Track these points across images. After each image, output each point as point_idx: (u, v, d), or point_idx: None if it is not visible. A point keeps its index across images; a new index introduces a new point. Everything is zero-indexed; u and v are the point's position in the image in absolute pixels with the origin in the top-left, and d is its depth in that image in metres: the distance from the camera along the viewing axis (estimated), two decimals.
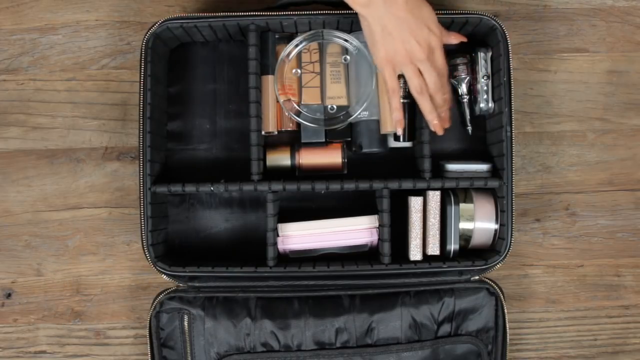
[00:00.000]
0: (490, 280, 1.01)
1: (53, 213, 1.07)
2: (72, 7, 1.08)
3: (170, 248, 1.06)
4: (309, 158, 1.02)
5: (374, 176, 0.99)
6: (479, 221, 1.00)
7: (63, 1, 1.08)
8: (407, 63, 0.93)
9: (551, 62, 1.09)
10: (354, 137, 1.02)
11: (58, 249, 1.08)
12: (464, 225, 1.00)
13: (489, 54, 1.02)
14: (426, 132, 0.98)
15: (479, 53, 1.01)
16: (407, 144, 1.04)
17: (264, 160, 1.01)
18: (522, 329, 1.09)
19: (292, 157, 1.02)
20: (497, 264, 0.99)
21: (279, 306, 0.99)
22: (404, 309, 0.99)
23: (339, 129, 1.02)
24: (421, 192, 1.00)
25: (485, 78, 1.01)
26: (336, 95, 1.01)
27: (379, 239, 1.01)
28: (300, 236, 1.01)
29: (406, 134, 1.02)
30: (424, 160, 0.98)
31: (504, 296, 1.01)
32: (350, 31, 1.01)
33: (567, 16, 1.09)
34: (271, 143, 1.03)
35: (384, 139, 1.03)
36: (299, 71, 1.01)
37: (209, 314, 0.99)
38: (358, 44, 1.00)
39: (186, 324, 1.00)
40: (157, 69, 1.00)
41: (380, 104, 1.01)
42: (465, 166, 1.00)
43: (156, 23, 0.98)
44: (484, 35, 1.02)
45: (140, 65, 0.98)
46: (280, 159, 1.02)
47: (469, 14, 0.98)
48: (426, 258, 1.00)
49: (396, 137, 1.03)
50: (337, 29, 1.00)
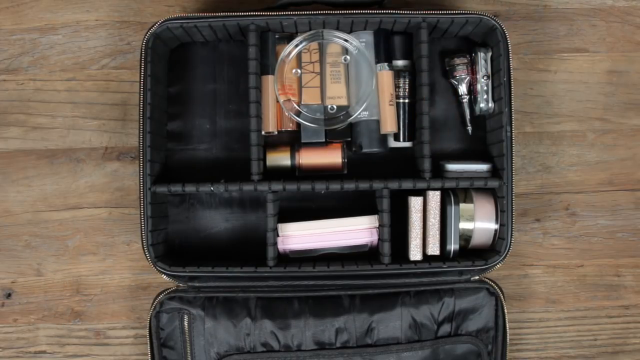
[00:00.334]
0: (490, 280, 1.01)
1: (53, 213, 1.07)
2: (72, 7, 1.08)
3: (170, 248, 1.06)
4: (309, 158, 1.02)
5: (374, 176, 0.99)
6: (479, 221, 1.00)
7: (63, 1, 1.08)
8: None
9: (551, 62, 1.09)
10: (354, 137, 1.02)
11: (58, 249, 1.08)
12: (464, 225, 1.00)
13: (489, 54, 1.02)
14: (426, 132, 0.98)
15: (479, 53, 1.01)
16: (407, 144, 1.04)
17: (264, 160, 1.01)
18: (522, 329, 1.09)
19: (292, 157, 1.02)
20: (497, 264, 0.99)
21: (279, 306, 0.99)
22: (404, 309, 0.99)
23: (339, 129, 1.02)
24: (421, 192, 1.00)
25: (485, 78, 1.01)
26: (336, 95, 1.01)
27: (379, 239, 1.01)
28: (300, 236, 1.01)
29: (406, 134, 1.02)
30: (424, 160, 0.98)
31: (504, 296, 1.01)
32: (350, 31, 1.01)
33: (567, 16, 1.09)
34: (271, 143, 1.03)
35: (384, 139, 1.03)
36: (299, 71, 1.01)
37: (209, 314, 0.99)
38: (358, 44, 1.00)
39: (186, 324, 1.00)
40: (157, 69, 1.00)
41: (380, 104, 1.01)
42: (465, 166, 0.99)
43: (156, 23, 0.98)
44: (484, 35, 1.02)
45: (140, 65, 0.98)
46: (280, 159, 1.02)
47: (469, 14, 0.98)
48: (426, 258, 1.00)
49: (396, 137, 1.03)
50: (337, 29, 1.00)
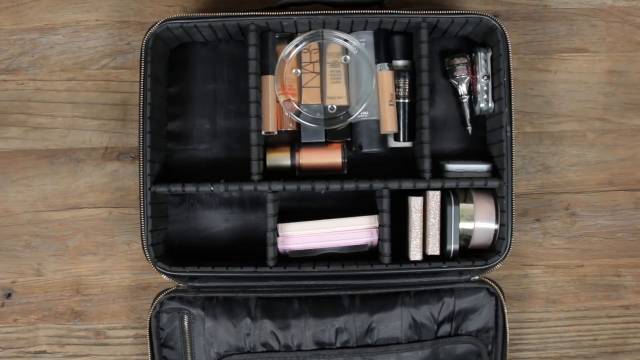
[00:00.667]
0: (490, 280, 1.01)
1: (53, 213, 1.07)
2: (72, 7, 1.08)
3: (170, 248, 1.06)
4: (309, 158, 1.02)
5: (374, 176, 0.99)
6: (479, 221, 1.00)
7: (63, 1, 1.08)
8: None
9: (551, 62, 1.09)
10: (354, 137, 1.02)
11: (58, 249, 1.08)
12: (464, 225, 1.00)
13: (489, 54, 1.02)
14: (426, 132, 0.98)
15: (479, 53, 1.01)
16: (407, 144, 1.04)
17: (264, 160, 1.01)
18: (522, 329, 1.09)
19: (292, 157, 1.02)
20: (497, 264, 0.99)
21: (279, 306, 0.99)
22: (404, 309, 0.99)
23: (339, 129, 1.02)
24: (421, 192, 1.00)
25: (485, 78, 1.01)
26: (336, 95, 1.01)
27: (379, 239, 1.01)
28: (300, 236, 1.01)
29: (406, 134, 1.02)
30: (424, 160, 0.98)
31: (504, 296, 1.01)
32: (350, 31, 1.01)
33: (567, 16, 1.09)
34: (271, 143, 1.03)
35: (384, 139, 1.02)
36: (299, 71, 1.01)
37: (209, 314, 0.99)
38: (358, 44, 1.00)
39: (186, 324, 1.00)
40: (157, 69, 1.00)
41: (380, 104, 1.01)
42: (465, 166, 0.99)
43: (156, 23, 0.98)
44: (484, 35, 1.02)
45: (140, 65, 0.98)
46: (280, 159, 1.02)
47: (469, 14, 0.98)
48: (426, 258, 1.00)
49: (396, 137, 1.03)
50: (337, 29, 1.00)
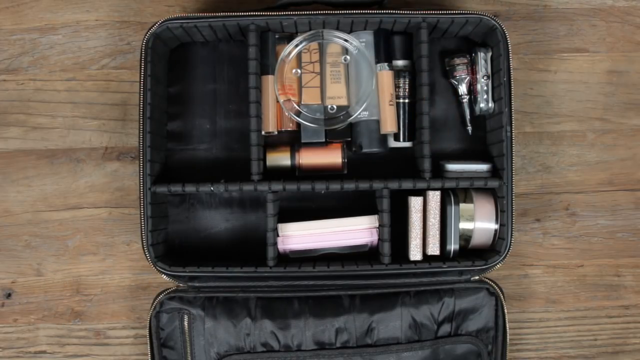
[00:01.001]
0: (490, 280, 1.01)
1: (53, 213, 1.07)
2: (72, 7, 1.08)
3: (170, 248, 1.06)
4: (309, 158, 1.02)
5: (374, 176, 0.99)
6: (479, 221, 1.00)
7: (63, 1, 1.08)
8: None
9: (551, 62, 1.09)
10: (354, 137, 1.02)
11: (58, 249, 1.07)
12: (464, 225, 1.00)
13: (489, 54, 1.02)
14: (426, 132, 0.98)
15: (479, 53, 1.01)
16: (407, 144, 1.04)
17: (264, 160, 1.01)
18: (522, 329, 1.09)
19: (292, 157, 1.02)
20: (497, 264, 0.99)
21: (279, 306, 0.99)
22: (404, 309, 0.99)
23: (339, 129, 1.02)
24: (421, 192, 1.00)
25: (485, 78, 1.01)
26: (336, 95, 1.01)
27: (379, 239, 1.01)
28: (300, 236, 1.01)
29: (406, 134, 1.02)
30: (424, 160, 0.98)
31: (504, 296, 1.01)
32: (350, 31, 1.01)
33: (567, 16, 1.09)
34: (271, 143, 1.03)
35: (384, 139, 1.02)
36: (299, 71, 1.01)
37: (209, 314, 0.99)
38: (358, 44, 1.00)
39: (186, 324, 1.00)
40: (157, 69, 1.00)
41: (380, 104, 1.01)
42: (465, 166, 0.99)
43: (156, 23, 0.98)
44: (484, 35, 1.02)
45: (140, 65, 0.98)
46: (280, 159, 1.02)
47: (469, 14, 0.98)
48: (426, 258, 1.00)
49: (396, 137, 1.03)
50: (337, 29, 1.00)
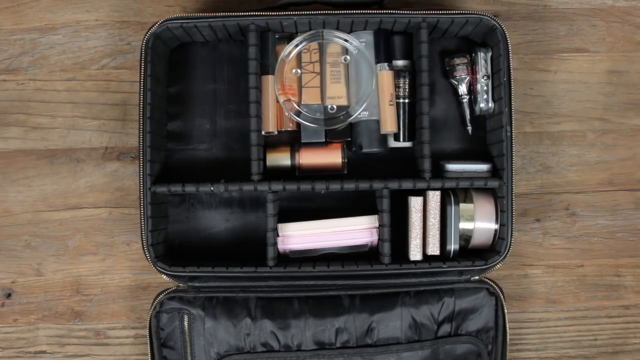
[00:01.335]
0: (490, 280, 1.01)
1: (53, 213, 1.07)
2: (72, 7, 1.08)
3: (170, 248, 1.06)
4: (309, 158, 1.02)
5: (374, 176, 0.99)
6: (479, 221, 1.00)
7: (63, 1, 1.08)
8: None
9: (551, 62, 1.09)
10: (354, 137, 1.02)
11: (58, 249, 1.07)
12: (464, 225, 1.00)
13: (489, 54, 1.02)
14: (426, 132, 0.98)
15: (479, 53, 1.01)
16: (407, 144, 1.04)
17: (264, 160, 1.01)
18: (522, 329, 1.09)
19: (292, 157, 1.02)
20: (497, 264, 0.99)
21: (279, 306, 0.99)
22: (404, 309, 0.99)
23: (339, 129, 1.02)
24: (421, 192, 1.00)
25: (485, 78, 1.01)
26: (336, 95, 1.01)
27: (379, 239, 1.01)
28: (300, 236, 1.01)
29: (406, 134, 1.02)
30: (424, 160, 0.98)
31: (504, 296, 1.01)
32: (350, 31, 1.01)
33: (567, 16, 1.09)
34: (271, 143, 1.03)
35: (384, 139, 1.02)
36: (299, 71, 1.01)
37: (209, 314, 0.99)
38: (358, 44, 1.00)
39: (186, 324, 1.00)
40: (157, 69, 1.00)
41: (380, 104, 1.01)
42: (465, 166, 0.99)
43: (156, 23, 0.98)
44: (484, 35, 1.02)
45: (140, 65, 0.98)
46: (280, 159, 1.02)
47: (469, 14, 0.98)
48: (426, 258, 1.00)
49: (396, 137, 1.03)
50: (337, 29, 1.00)
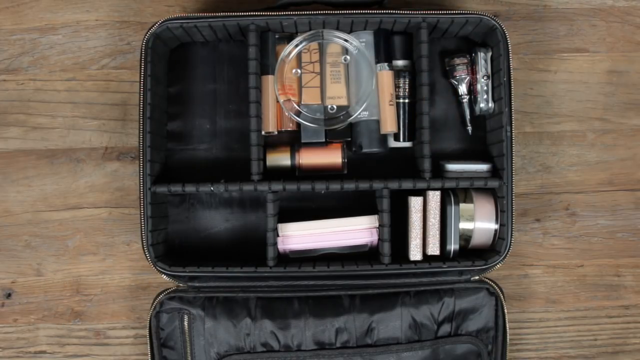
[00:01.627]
0: (490, 280, 1.01)
1: (53, 213, 1.07)
2: (72, 7, 1.08)
3: (170, 248, 1.06)
4: (309, 158, 1.02)
5: (374, 176, 0.99)
6: (479, 221, 1.00)
7: (63, 1, 1.08)
8: None
9: (551, 62, 1.09)
10: (354, 137, 1.02)
11: (58, 249, 1.07)
12: (464, 225, 1.00)
13: (489, 54, 1.02)
14: (426, 132, 0.98)
15: (479, 53, 1.01)
16: (407, 144, 1.04)
17: (264, 160, 1.01)
18: (522, 329, 1.09)
19: (292, 157, 1.02)
20: (497, 264, 0.99)
21: (279, 306, 0.99)
22: (404, 309, 0.99)
23: (339, 129, 1.02)
24: (421, 192, 1.00)
25: (485, 78, 1.01)
26: (336, 95, 1.01)
27: (379, 239, 1.01)
28: (300, 236, 1.01)
29: (406, 134, 1.02)
30: (424, 160, 0.98)
31: (504, 296, 1.01)
32: (350, 31, 1.01)
33: (567, 16, 1.09)
34: (271, 143, 1.03)
35: (384, 139, 1.02)
36: (299, 71, 1.01)
37: (209, 314, 0.99)
38: (358, 44, 1.00)
39: (186, 324, 1.00)
40: (157, 69, 1.00)
41: (380, 104, 1.01)
42: (465, 166, 0.99)
43: (156, 23, 0.98)
44: (484, 35, 1.02)
45: (140, 65, 0.98)
46: (280, 159, 1.02)
47: (469, 14, 0.98)
48: (426, 258, 1.00)
49: (396, 137, 1.03)
50: (337, 29, 1.00)
